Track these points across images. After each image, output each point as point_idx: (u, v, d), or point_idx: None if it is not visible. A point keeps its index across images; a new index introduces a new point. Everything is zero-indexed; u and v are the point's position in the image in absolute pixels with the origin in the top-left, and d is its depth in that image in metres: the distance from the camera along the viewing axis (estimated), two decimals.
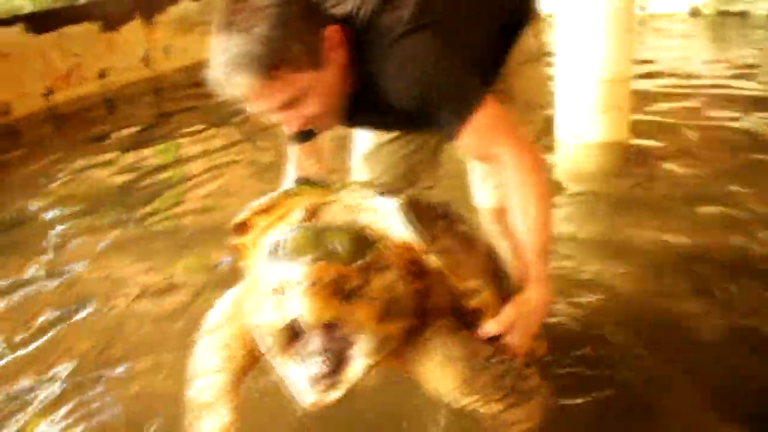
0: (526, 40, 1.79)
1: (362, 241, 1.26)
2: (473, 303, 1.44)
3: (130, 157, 4.24)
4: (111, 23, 6.19)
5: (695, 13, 7.10)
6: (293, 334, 1.19)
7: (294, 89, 1.40)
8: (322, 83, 1.46)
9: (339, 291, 1.13)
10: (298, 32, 1.39)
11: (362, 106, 1.62)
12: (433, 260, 1.41)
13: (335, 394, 1.21)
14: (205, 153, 4.18)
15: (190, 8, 6.78)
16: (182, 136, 4.62)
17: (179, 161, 4.15)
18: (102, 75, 6.16)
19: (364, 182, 1.96)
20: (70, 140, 4.78)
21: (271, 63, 1.33)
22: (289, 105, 1.43)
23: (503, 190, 1.58)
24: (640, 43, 5.41)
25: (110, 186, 3.83)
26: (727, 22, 6.68)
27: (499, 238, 1.87)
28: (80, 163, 4.19)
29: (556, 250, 2.19)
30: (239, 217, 1.49)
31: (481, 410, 1.40)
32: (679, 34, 6.37)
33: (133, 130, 4.87)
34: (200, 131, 4.64)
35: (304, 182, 1.59)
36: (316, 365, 1.20)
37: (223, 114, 4.65)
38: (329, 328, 1.20)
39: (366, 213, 1.43)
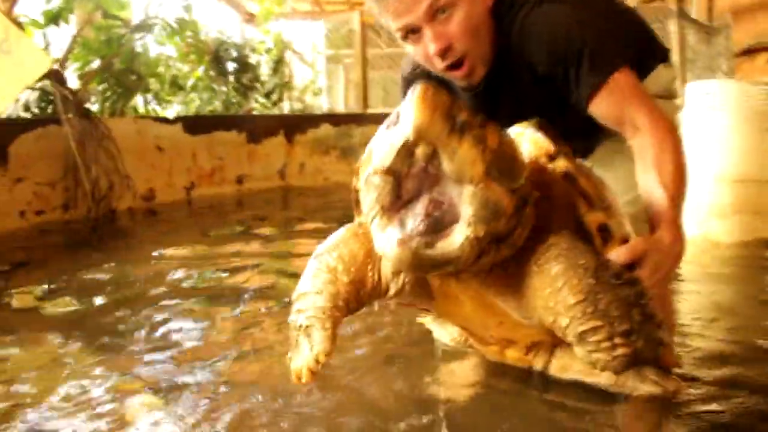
0: (658, 76, 1.81)
1: None
2: (601, 217, 1.34)
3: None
4: (256, 136, 6.76)
5: None
6: (397, 193, 1.16)
7: None
8: (470, 5, 1.55)
9: (450, 115, 1.10)
10: None
11: (500, 76, 1.67)
12: (561, 163, 1.37)
13: (427, 253, 1.13)
14: None
15: (330, 133, 7.30)
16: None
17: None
18: (240, 180, 6.62)
19: None
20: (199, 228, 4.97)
21: None
22: (436, 12, 1.51)
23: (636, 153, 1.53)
24: None
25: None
26: None
27: None
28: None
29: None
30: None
31: (601, 352, 1.21)
32: None
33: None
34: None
35: None
36: (415, 222, 1.15)
37: None
38: (434, 198, 1.15)
39: None
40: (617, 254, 1.29)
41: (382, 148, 1.14)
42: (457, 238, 1.12)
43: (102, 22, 5.59)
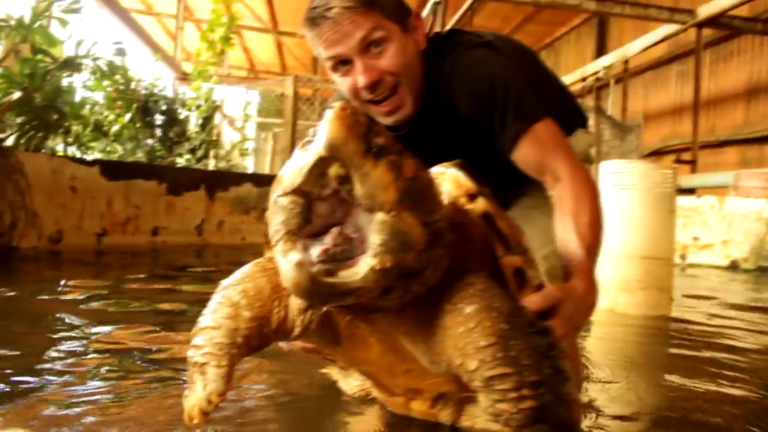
0: (577, 140, 1.89)
1: None
2: (518, 260, 1.32)
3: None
4: (177, 188, 6.63)
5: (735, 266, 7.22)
6: (307, 217, 1.09)
7: (379, 28, 1.52)
8: (403, 43, 1.58)
9: (366, 137, 1.06)
10: None
11: (427, 118, 1.70)
12: (480, 203, 1.36)
13: (327, 280, 1.06)
14: None
15: (252, 192, 7.25)
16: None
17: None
18: (155, 232, 6.43)
19: None
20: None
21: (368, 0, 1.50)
22: (369, 46, 1.53)
23: (555, 203, 1.57)
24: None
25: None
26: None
27: None
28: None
29: None
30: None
31: (506, 402, 1.14)
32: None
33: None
34: None
35: None
36: (320, 248, 1.08)
37: None
38: (344, 231, 1.09)
39: None
40: (531, 301, 1.25)
41: (293, 168, 1.08)
42: (362, 268, 1.05)
43: (29, 55, 5.45)
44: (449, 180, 1.41)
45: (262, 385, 1.91)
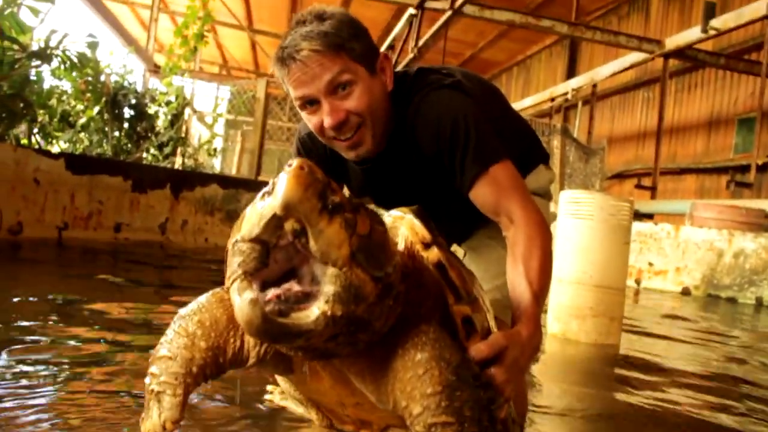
0: (538, 175, 1.95)
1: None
2: (467, 310, 1.37)
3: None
4: (142, 186, 6.58)
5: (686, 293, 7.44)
6: (264, 261, 1.12)
7: (346, 72, 1.55)
8: (370, 86, 1.61)
9: (322, 195, 1.09)
10: (362, 36, 1.61)
11: (392, 153, 1.74)
12: (434, 252, 1.40)
13: (279, 320, 1.09)
14: None
15: (218, 193, 7.22)
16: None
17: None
18: (118, 228, 6.38)
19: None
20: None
21: (336, 42, 1.53)
22: (336, 88, 1.56)
23: (508, 245, 1.62)
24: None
25: None
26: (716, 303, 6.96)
27: None
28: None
29: None
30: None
31: None
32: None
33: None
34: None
35: None
36: (275, 291, 1.11)
37: None
38: (300, 276, 1.13)
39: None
40: (478, 350, 1.30)
41: (252, 217, 1.11)
42: (314, 312, 1.09)
43: None
44: (406, 226, 1.44)
45: (207, 399, 1.95)
